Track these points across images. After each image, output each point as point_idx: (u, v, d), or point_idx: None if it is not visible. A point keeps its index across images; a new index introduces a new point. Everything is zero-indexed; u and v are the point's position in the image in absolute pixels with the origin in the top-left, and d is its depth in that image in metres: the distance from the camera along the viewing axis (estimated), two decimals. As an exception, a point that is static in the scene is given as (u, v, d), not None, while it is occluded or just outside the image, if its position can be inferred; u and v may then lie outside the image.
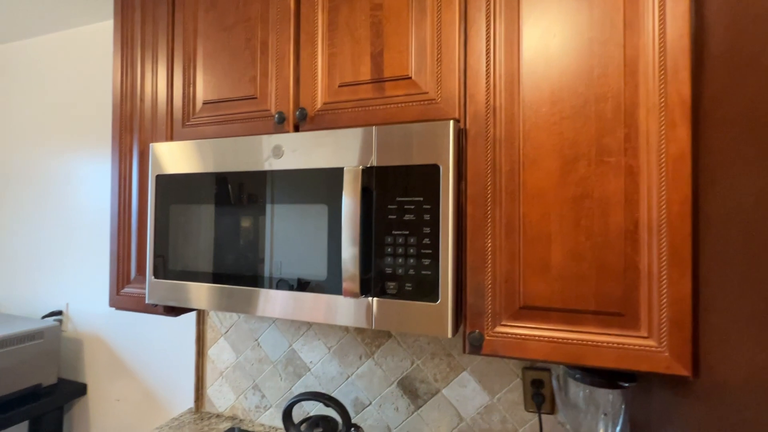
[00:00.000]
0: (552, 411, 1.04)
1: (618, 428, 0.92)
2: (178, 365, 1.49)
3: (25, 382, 1.45)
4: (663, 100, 0.68)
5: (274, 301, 0.87)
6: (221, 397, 1.39)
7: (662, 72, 0.68)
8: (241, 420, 1.35)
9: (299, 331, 1.30)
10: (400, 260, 0.77)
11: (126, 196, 1.14)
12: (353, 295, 0.77)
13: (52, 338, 1.54)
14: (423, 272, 0.75)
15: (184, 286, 0.97)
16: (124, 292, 1.13)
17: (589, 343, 0.70)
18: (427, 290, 0.75)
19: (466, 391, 1.10)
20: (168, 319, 1.51)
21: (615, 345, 0.69)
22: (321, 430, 1.00)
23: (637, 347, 0.68)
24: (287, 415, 1.03)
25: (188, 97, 1.07)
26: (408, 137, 0.78)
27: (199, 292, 0.95)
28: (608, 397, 0.91)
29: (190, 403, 1.46)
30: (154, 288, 1.01)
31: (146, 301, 1.02)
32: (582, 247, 0.72)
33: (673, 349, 0.66)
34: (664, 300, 0.67)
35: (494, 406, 1.08)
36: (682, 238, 0.66)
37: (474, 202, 0.78)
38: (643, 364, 0.68)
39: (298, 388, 1.29)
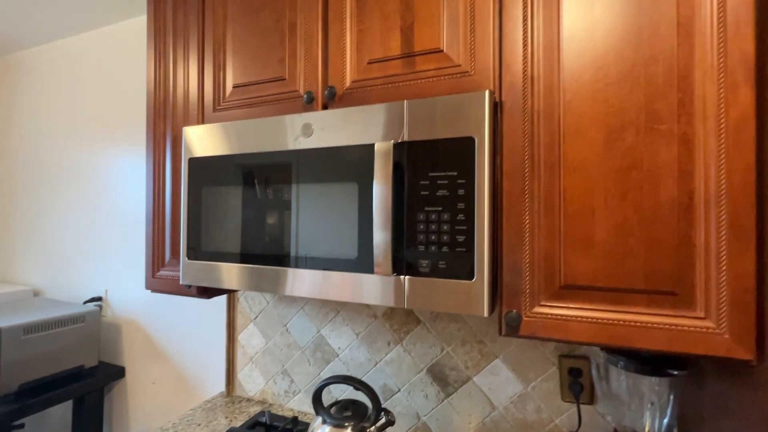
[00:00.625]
0: (591, 401, 0.99)
1: (665, 420, 0.86)
2: (210, 350, 1.52)
3: (69, 363, 1.53)
4: (722, 60, 0.62)
5: (302, 280, 0.87)
6: (251, 382, 1.41)
7: (722, 29, 0.62)
8: (270, 404, 1.37)
9: (327, 317, 1.29)
10: (433, 237, 0.75)
11: (160, 182, 1.17)
12: (385, 273, 0.76)
13: (92, 322, 1.61)
14: (457, 249, 0.73)
15: (215, 267, 0.98)
16: (159, 275, 1.16)
17: (638, 324, 0.66)
18: (462, 268, 0.72)
19: (499, 380, 1.07)
20: (200, 306, 1.55)
21: (667, 326, 0.64)
22: (350, 413, 0.99)
23: (692, 329, 0.63)
24: (317, 398, 1.03)
25: (218, 82, 1.08)
26: (441, 110, 0.75)
27: (230, 273, 0.96)
28: (654, 386, 0.85)
29: (221, 386, 1.50)
30: (187, 269, 1.02)
31: (180, 282, 1.04)
32: (629, 222, 0.67)
33: (733, 330, 0.61)
34: (724, 277, 0.62)
35: (528, 395, 1.04)
36: (745, 209, 0.60)
37: (510, 176, 0.75)
38: (699, 347, 0.63)
39: (326, 374, 1.29)
